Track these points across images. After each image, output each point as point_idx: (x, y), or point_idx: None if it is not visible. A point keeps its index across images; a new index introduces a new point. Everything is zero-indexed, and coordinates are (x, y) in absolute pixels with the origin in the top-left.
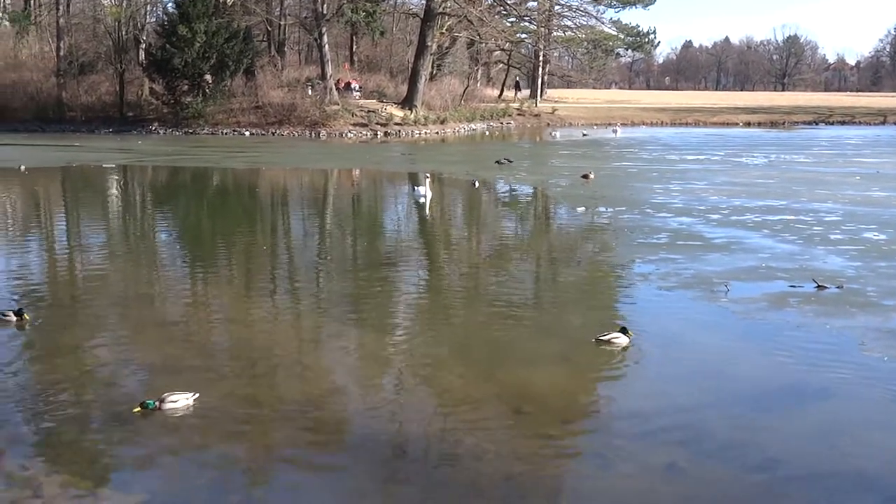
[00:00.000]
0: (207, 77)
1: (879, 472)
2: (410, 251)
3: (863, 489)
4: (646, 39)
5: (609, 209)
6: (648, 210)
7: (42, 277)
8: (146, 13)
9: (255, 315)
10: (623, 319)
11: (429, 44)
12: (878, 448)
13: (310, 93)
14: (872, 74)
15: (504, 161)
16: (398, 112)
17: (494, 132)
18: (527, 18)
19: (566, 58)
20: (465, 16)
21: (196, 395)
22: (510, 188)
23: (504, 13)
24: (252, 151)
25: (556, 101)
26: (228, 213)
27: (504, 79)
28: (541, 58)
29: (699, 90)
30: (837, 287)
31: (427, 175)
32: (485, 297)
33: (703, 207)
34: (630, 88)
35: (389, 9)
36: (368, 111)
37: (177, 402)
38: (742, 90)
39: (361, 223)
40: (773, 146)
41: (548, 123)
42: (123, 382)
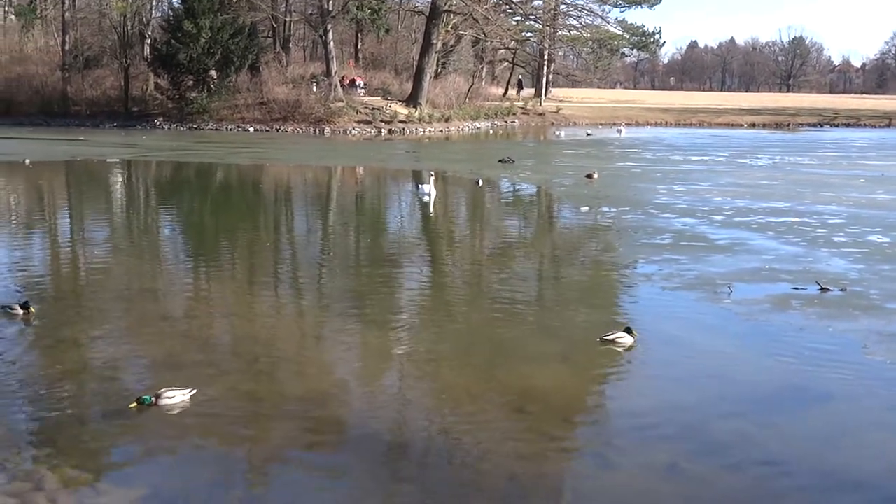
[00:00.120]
0: (212, 73)
1: (881, 475)
2: (413, 249)
3: (864, 491)
4: (651, 39)
5: (613, 209)
6: (652, 210)
7: (46, 271)
8: (152, 8)
9: (258, 311)
10: (626, 320)
11: (434, 41)
12: (880, 450)
13: (314, 89)
14: (878, 77)
15: (507, 160)
16: (403, 109)
17: (499, 131)
18: (532, 17)
19: (571, 57)
20: (471, 14)
21: (193, 392)
22: (514, 187)
23: (509, 12)
24: (256, 147)
25: (561, 101)
26: (232, 209)
27: (509, 77)
28: (546, 57)
29: (704, 91)
30: (841, 290)
31: (431, 173)
32: (487, 296)
33: (707, 208)
34: (635, 88)
35: (395, 6)
36: (373, 108)
37: (173, 398)
38: (747, 91)
39: (365, 220)
40: (778, 148)
41: (552, 122)
42: (126, 377)
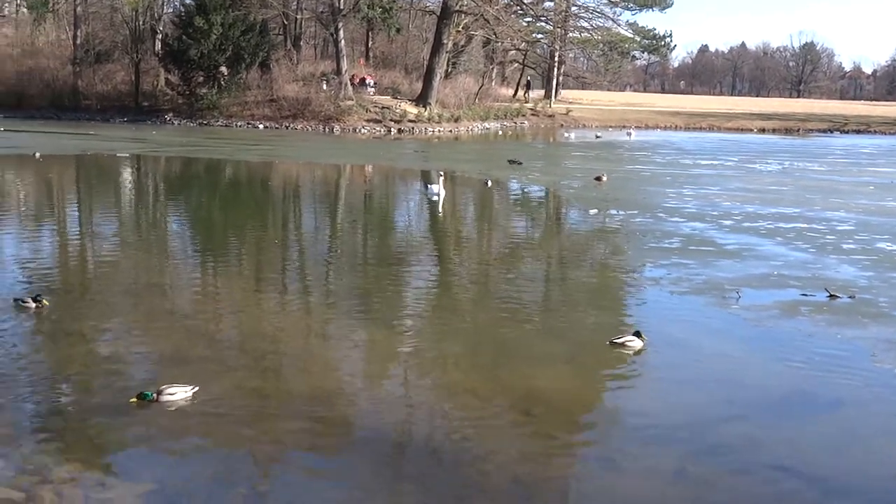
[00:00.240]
0: (223, 69)
1: (889, 481)
2: (421, 248)
3: (871, 497)
4: (662, 43)
5: (621, 212)
6: (661, 214)
7: (55, 264)
8: (163, 3)
9: (265, 308)
10: (634, 323)
11: (444, 41)
12: (888, 457)
13: (325, 87)
14: (889, 83)
15: (515, 162)
16: (412, 109)
17: (508, 132)
18: (543, 18)
19: (581, 59)
20: (482, 14)
21: (195, 389)
22: (523, 188)
23: (520, 13)
24: (266, 145)
25: (571, 103)
26: (241, 206)
27: (519, 79)
28: (556, 58)
29: (714, 95)
30: (849, 297)
31: (440, 173)
32: (495, 297)
33: (716, 213)
34: (645, 91)
35: (406, 5)
36: (383, 107)
37: (174, 395)
38: (757, 96)
39: (373, 219)
40: (788, 153)
41: (562, 124)
42: (133, 371)
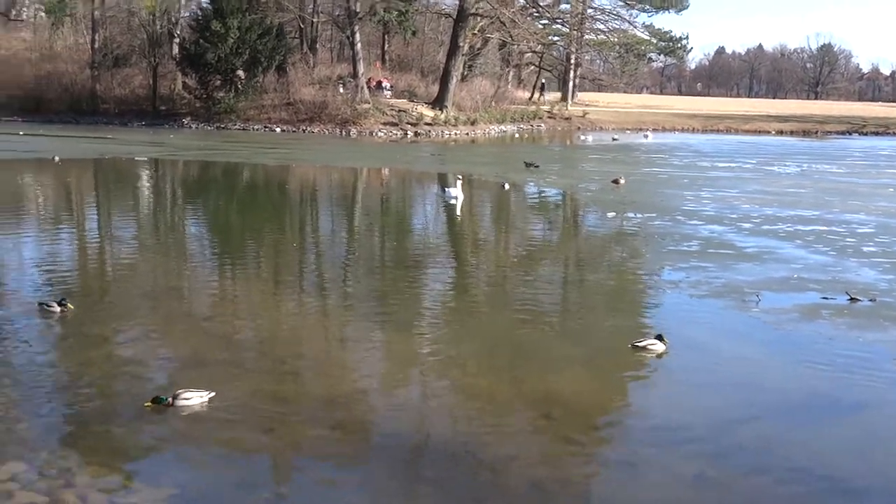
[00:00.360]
0: (240, 73)
1: None
2: (439, 251)
3: (894, 502)
4: (678, 45)
5: (639, 215)
6: (679, 217)
7: (74, 268)
8: (180, 7)
9: (283, 311)
10: (654, 326)
11: (460, 44)
12: None
13: (341, 91)
14: None
15: (532, 165)
16: (429, 112)
17: (524, 134)
18: (559, 21)
19: (598, 61)
20: (498, 17)
21: (212, 395)
22: (540, 191)
23: (536, 15)
24: (283, 148)
25: (587, 105)
26: (258, 209)
27: (535, 81)
28: (572, 61)
29: (731, 97)
30: (870, 300)
31: (459, 177)
32: (513, 300)
33: (735, 216)
34: (661, 93)
35: (422, 8)
36: (399, 111)
37: (190, 400)
38: (774, 98)
39: (390, 222)
40: (806, 155)
41: (578, 127)
42: (153, 375)
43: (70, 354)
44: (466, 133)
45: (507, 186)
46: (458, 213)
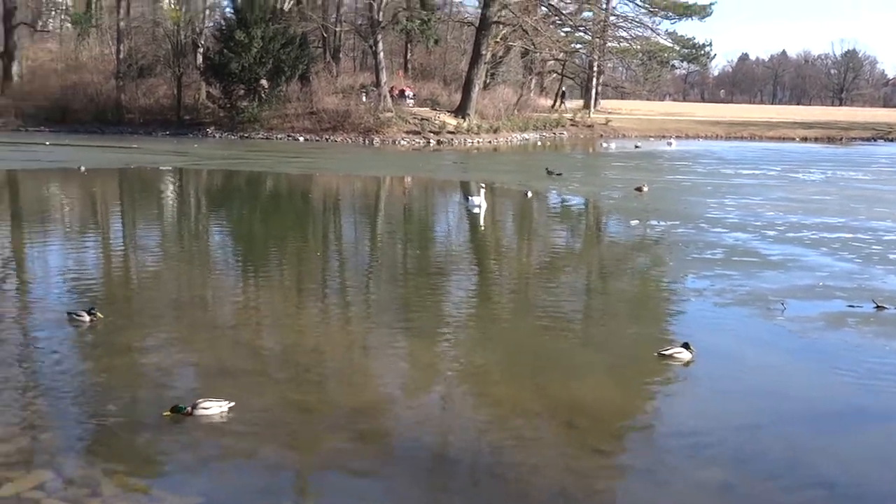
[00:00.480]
0: (263, 82)
1: None
2: (462, 260)
3: None
4: (702, 51)
5: (663, 223)
6: (703, 224)
7: (100, 277)
8: (205, 18)
9: (307, 320)
10: (678, 334)
11: (483, 52)
12: None
13: (364, 99)
14: None
15: (554, 173)
16: (451, 120)
17: (547, 142)
18: (582, 29)
19: (620, 69)
20: (520, 25)
21: (231, 404)
22: (563, 199)
23: (559, 23)
24: (306, 157)
25: (610, 112)
26: (281, 218)
27: (558, 89)
28: (595, 68)
29: (755, 104)
30: None
31: (482, 185)
32: (536, 308)
33: (759, 223)
34: (684, 100)
35: (444, 17)
36: (422, 119)
37: (209, 409)
38: (798, 104)
39: (413, 231)
40: (831, 162)
41: (601, 134)
42: (177, 384)
43: (96, 363)
44: (489, 141)
45: (530, 194)
46: (481, 222)
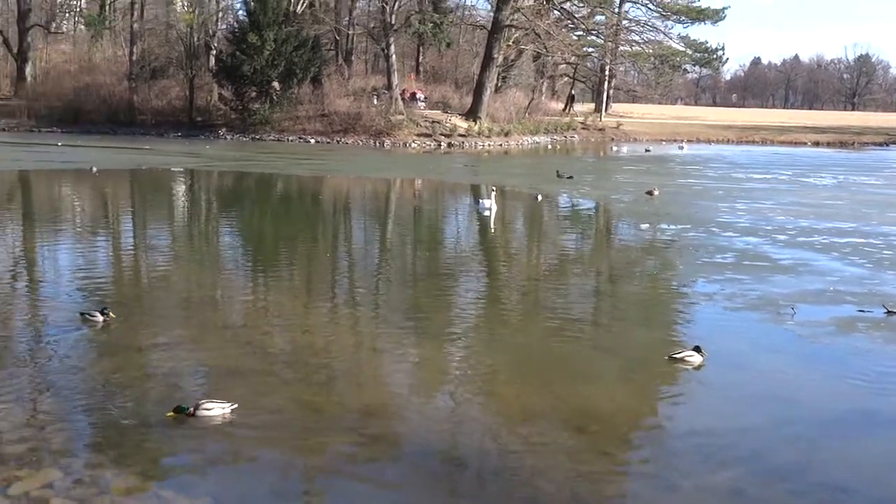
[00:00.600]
0: (275, 84)
1: None
2: (472, 262)
3: None
4: (714, 56)
5: (673, 226)
6: (714, 228)
7: (110, 277)
8: (217, 20)
9: (316, 321)
10: (688, 338)
11: (495, 56)
12: None
13: (375, 102)
14: None
15: (565, 176)
16: (462, 123)
17: (558, 146)
18: (594, 32)
19: (632, 72)
20: (533, 29)
21: (234, 406)
22: (573, 203)
23: (571, 27)
24: (317, 159)
25: (621, 116)
26: (292, 220)
27: (569, 92)
28: (607, 72)
29: (767, 108)
30: None
31: (493, 188)
32: (547, 312)
33: (770, 228)
34: (696, 104)
35: (456, 20)
36: (433, 122)
37: (211, 411)
38: (811, 109)
39: (423, 233)
40: (843, 167)
41: (612, 138)
42: (186, 384)
43: (107, 363)
44: (500, 144)
45: (540, 197)
46: (492, 225)
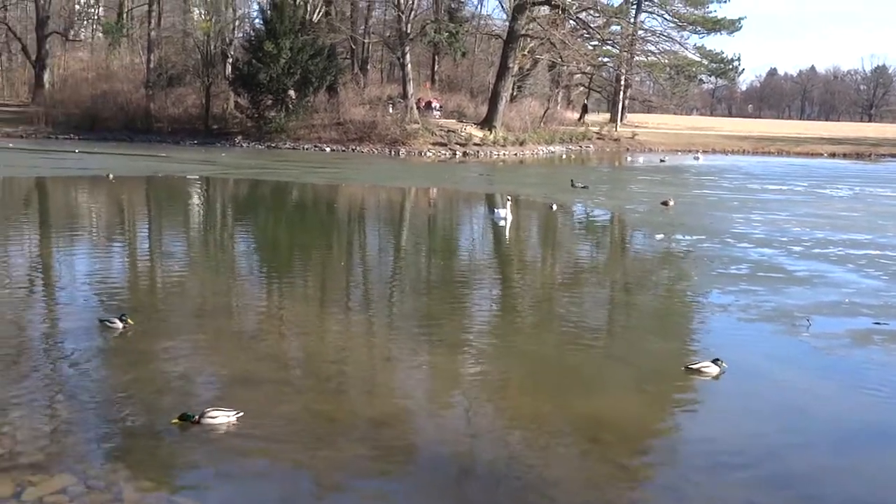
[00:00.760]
0: (291, 92)
1: None
2: (486, 272)
3: None
4: (730, 66)
5: (688, 237)
6: (729, 239)
7: (125, 284)
8: (234, 28)
9: (330, 329)
10: (702, 349)
11: (510, 65)
12: None
13: (391, 111)
14: None
15: (580, 186)
16: (477, 132)
17: (573, 155)
18: (609, 42)
19: (648, 83)
20: (548, 38)
21: (240, 414)
22: (588, 213)
23: (587, 37)
24: (332, 167)
25: (637, 126)
26: (306, 228)
27: (584, 102)
28: (622, 82)
29: (783, 119)
30: None
31: (508, 198)
32: (560, 321)
33: (785, 239)
34: (711, 115)
35: (472, 30)
36: (448, 131)
37: (216, 419)
38: (827, 120)
39: (438, 242)
40: (859, 178)
41: (627, 148)
42: (200, 392)
43: (124, 370)
44: (515, 153)
45: (555, 207)
46: (507, 234)
